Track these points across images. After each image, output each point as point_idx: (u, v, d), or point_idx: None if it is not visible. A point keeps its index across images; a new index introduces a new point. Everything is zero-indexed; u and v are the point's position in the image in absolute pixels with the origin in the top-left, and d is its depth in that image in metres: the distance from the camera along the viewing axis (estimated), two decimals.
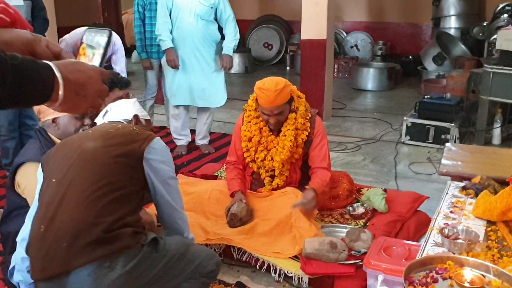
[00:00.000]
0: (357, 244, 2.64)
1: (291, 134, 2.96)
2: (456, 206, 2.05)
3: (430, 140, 4.78)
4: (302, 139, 3.01)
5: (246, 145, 3.08)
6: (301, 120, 3.00)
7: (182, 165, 4.29)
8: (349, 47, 9.42)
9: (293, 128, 2.97)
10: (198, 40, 4.31)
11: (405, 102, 6.61)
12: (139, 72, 9.36)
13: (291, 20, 9.87)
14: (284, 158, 2.98)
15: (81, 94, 0.98)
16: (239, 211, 2.85)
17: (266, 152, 3.05)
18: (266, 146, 3.05)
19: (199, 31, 4.29)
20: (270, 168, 3.07)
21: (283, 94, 2.86)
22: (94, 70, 1.02)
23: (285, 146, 2.97)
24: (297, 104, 3.02)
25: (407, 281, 1.49)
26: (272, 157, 3.02)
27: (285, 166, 3.06)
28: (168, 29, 4.28)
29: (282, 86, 2.84)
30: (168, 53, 4.31)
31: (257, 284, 2.60)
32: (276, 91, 2.82)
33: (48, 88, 0.93)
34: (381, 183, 3.91)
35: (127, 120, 2.23)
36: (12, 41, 1.07)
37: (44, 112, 2.49)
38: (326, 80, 5.71)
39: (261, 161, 3.07)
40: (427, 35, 8.92)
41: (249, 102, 3.10)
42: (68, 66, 0.97)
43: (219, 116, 5.85)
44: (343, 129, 5.56)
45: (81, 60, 1.07)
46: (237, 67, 9.19)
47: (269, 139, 3.04)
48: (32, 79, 0.90)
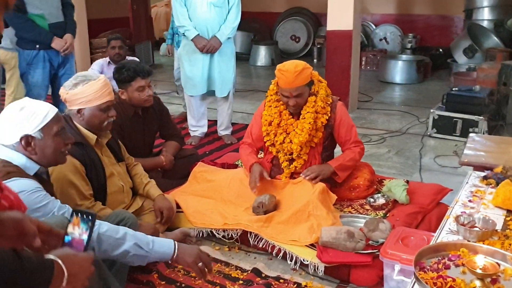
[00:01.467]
0: (375, 234, 2.61)
1: (310, 117, 2.96)
2: (475, 195, 2.00)
3: (458, 133, 4.67)
4: (321, 122, 3.00)
5: (266, 129, 3.10)
6: (321, 103, 2.98)
7: (204, 155, 4.32)
8: (378, 39, 9.28)
9: (312, 111, 2.97)
10: (212, 28, 4.32)
11: (433, 96, 6.47)
12: (166, 64, 9.47)
13: (319, 13, 9.79)
14: (303, 140, 2.98)
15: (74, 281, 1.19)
16: (267, 203, 2.87)
17: (285, 135, 3.06)
18: (286, 129, 3.06)
19: (213, 19, 4.31)
20: (288, 151, 3.07)
21: (302, 76, 2.88)
22: (87, 260, 1.24)
23: (304, 129, 2.97)
24: (317, 88, 3.01)
25: (418, 266, 1.47)
26: (291, 140, 3.03)
27: (304, 149, 3.05)
28: (187, 18, 4.32)
29: (301, 67, 2.87)
30: (196, 41, 4.33)
31: (273, 271, 2.59)
32: (295, 72, 2.85)
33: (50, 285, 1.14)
34: (405, 176, 3.84)
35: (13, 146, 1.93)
36: (5, 221, 1.23)
37: (70, 101, 2.54)
38: (352, 71, 5.64)
39: (280, 144, 3.08)
40: (459, 28, 8.71)
41: (270, 87, 3.13)
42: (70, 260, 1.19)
43: (242, 108, 5.86)
44: (369, 121, 5.49)
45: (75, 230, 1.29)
46: (263, 60, 9.18)
47: (288, 122, 3.05)
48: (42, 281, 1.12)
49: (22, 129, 1.88)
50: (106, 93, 2.57)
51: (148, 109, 3.42)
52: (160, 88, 7.00)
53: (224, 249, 2.84)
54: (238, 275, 2.56)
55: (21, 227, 1.25)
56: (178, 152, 3.66)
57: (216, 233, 2.87)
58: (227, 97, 4.62)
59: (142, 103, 3.28)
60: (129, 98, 3.26)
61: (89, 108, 2.53)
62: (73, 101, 2.53)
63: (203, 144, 4.67)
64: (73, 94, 2.51)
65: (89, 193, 2.52)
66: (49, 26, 4.00)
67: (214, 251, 2.80)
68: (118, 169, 2.77)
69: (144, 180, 2.94)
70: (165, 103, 3.89)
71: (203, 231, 2.91)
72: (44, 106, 1.93)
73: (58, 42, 4.02)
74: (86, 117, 2.55)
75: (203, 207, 3.01)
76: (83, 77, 2.54)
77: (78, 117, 2.56)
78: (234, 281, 2.50)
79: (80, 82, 2.51)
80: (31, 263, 1.07)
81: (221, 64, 4.45)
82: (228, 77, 4.53)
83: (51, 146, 1.94)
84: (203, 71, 4.43)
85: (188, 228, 2.91)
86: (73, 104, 2.53)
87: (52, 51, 4.06)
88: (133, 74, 3.21)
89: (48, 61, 4.09)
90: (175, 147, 3.64)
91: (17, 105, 1.91)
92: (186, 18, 4.31)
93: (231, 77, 4.55)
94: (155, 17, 10.99)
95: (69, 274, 1.16)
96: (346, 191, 3.19)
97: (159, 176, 3.47)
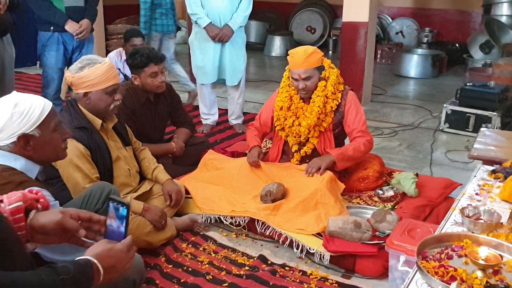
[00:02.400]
0: (382, 225, 2.62)
1: (319, 101, 3.01)
2: (482, 189, 2.00)
3: (470, 129, 4.64)
4: (331, 107, 3.05)
5: (277, 114, 3.16)
6: (331, 88, 3.02)
7: (215, 143, 4.35)
8: (394, 33, 9.20)
9: (322, 95, 3.02)
10: (224, 17, 4.32)
11: (448, 91, 6.41)
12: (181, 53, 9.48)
13: (335, 4, 9.71)
14: (311, 123, 3.03)
15: (112, 272, 1.29)
16: (275, 191, 2.90)
17: (294, 118, 3.11)
18: (296, 112, 3.12)
19: (226, 7, 4.31)
20: (297, 134, 3.11)
21: (311, 59, 2.96)
22: (122, 250, 1.31)
23: (313, 112, 3.02)
24: (328, 74, 3.05)
25: (421, 255, 1.48)
26: (300, 123, 3.08)
27: (312, 133, 3.09)
28: (200, 6, 4.33)
29: (311, 51, 2.98)
30: (209, 29, 4.34)
31: (279, 259, 2.62)
32: (305, 54, 2.95)
33: (92, 280, 1.24)
34: (415, 169, 3.82)
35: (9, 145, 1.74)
36: (46, 224, 1.33)
37: (76, 85, 2.55)
38: (366, 64, 5.61)
39: (289, 128, 3.13)
40: (476, 23, 8.60)
41: (284, 73, 3.19)
42: (104, 256, 1.28)
43: (255, 97, 5.87)
44: (381, 114, 5.47)
45: (113, 222, 1.35)
46: (278, 50, 9.16)
47: (299, 106, 3.11)
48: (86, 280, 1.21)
49: (18, 127, 1.69)
50: (111, 76, 2.57)
51: (160, 96, 3.45)
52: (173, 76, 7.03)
53: (232, 236, 2.87)
54: (244, 261, 2.59)
55: (63, 225, 1.34)
56: (189, 139, 3.69)
57: (224, 219, 2.91)
58: (238, 86, 4.63)
59: (154, 89, 3.31)
60: (142, 84, 3.29)
61: (95, 92, 2.54)
62: (79, 85, 2.54)
63: (214, 132, 4.69)
64: (79, 78, 2.52)
65: (95, 176, 2.55)
66: (66, 9, 4.01)
67: (222, 237, 2.84)
68: (125, 153, 2.80)
69: (152, 164, 2.97)
70: (178, 90, 3.91)
71: (211, 217, 2.94)
72: (38, 101, 1.75)
73: (71, 25, 4.03)
74: (92, 100, 2.56)
75: (212, 194, 3.04)
76: (89, 60, 2.54)
77: (84, 100, 2.57)
78: (240, 267, 2.53)
79: (85, 65, 2.52)
80: (68, 272, 1.16)
81: (232, 53, 4.46)
82: (239, 66, 4.53)
83: (51, 143, 1.80)
84: (214, 60, 4.44)
85: (196, 214, 2.94)
86: (79, 87, 2.54)
87: (67, 34, 4.07)
88: (147, 60, 3.24)
89: (62, 44, 4.11)
90: (186, 134, 3.67)
91: (8, 101, 1.70)
92: (198, 5, 4.32)
93: (241, 66, 4.56)
94: None
95: (106, 268, 1.25)
96: (355, 182, 3.20)
97: (169, 162, 3.51)
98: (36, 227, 1.34)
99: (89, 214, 1.41)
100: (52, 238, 1.37)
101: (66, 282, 1.14)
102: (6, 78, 3.85)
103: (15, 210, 1.31)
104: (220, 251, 2.69)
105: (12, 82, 3.98)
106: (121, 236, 1.34)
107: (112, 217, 1.35)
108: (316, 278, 2.45)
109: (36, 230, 1.34)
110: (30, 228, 1.33)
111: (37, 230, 1.34)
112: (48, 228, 1.34)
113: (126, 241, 1.33)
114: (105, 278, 1.26)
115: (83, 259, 1.25)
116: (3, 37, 3.77)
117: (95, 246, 1.31)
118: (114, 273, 1.29)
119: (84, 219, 1.40)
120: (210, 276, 2.45)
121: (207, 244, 2.76)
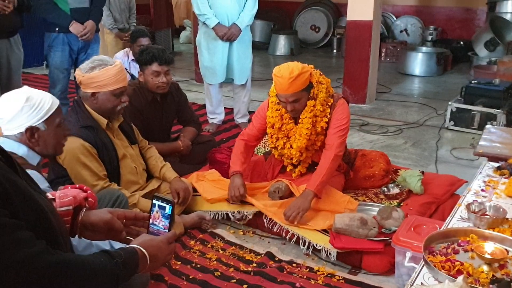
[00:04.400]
0: (388, 222, 2.64)
1: (308, 122, 2.85)
2: (488, 185, 2.02)
3: (475, 126, 4.64)
4: (321, 126, 2.88)
5: (270, 131, 3.01)
6: (320, 107, 2.85)
7: (221, 142, 4.38)
8: (399, 31, 9.19)
9: (310, 116, 2.84)
10: (232, 16, 4.35)
11: (453, 88, 6.41)
12: (186, 52, 9.53)
13: (339, 3, 9.71)
14: (301, 146, 2.89)
15: (154, 261, 1.36)
16: (284, 189, 2.96)
17: (286, 139, 2.97)
18: (287, 133, 2.97)
19: (233, 8, 4.34)
20: (289, 156, 3.01)
21: (298, 82, 2.73)
22: (163, 241, 1.39)
23: (302, 134, 2.87)
24: (316, 91, 2.86)
25: (427, 250, 1.50)
26: (291, 145, 2.95)
27: (305, 154, 2.96)
28: (207, 6, 4.36)
29: (296, 73, 2.71)
30: (217, 29, 4.37)
31: (286, 255, 2.65)
32: (290, 79, 2.70)
33: (138, 266, 1.31)
34: (420, 167, 3.84)
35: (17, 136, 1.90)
36: (96, 223, 1.45)
37: (85, 84, 2.58)
38: (371, 63, 5.62)
39: (281, 149, 3.01)
40: (481, 20, 8.58)
41: (272, 87, 2.96)
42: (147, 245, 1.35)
43: (260, 96, 5.88)
44: (386, 112, 5.48)
45: (158, 223, 1.44)
46: (282, 49, 9.17)
47: (288, 127, 2.95)
48: (133, 266, 1.29)
49: (27, 120, 1.84)
50: (121, 79, 2.61)
51: (166, 95, 3.48)
52: (179, 76, 7.07)
53: (239, 233, 2.91)
54: (252, 258, 2.62)
55: (111, 225, 1.46)
56: (196, 138, 3.72)
57: (232, 215, 2.93)
58: (245, 85, 4.66)
59: (155, 88, 3.34)
60: (144, 81, 3.34)
61: (103, 93, 2.58)
62: (88, 84, 2.57)
63: (220, 131, 4.72)
64: (88, 78, 2.55)
65: (103, 174, 2.59)
66: (71, 11, 4.04)
67: (229, 234, 2.87)
68: (131, 151, 2.83)
69: (160, 163, 3.00)
70: (184, 90, 3.94)
71: (218, 213, 2.97)
72: (48, 97, 1.90)
73: (75, 27, 4.05)
74: (100, 101, 2.60)
75: (220, 192, 3.07)
76: (100, 61, 2.58)
77: (92, 100, 2.60)
78: (247, 264, 2.56)
79: (96, 66, 2.55)
80: (120, 257, 1.25)
81: (240, 52, 4.49)
82: (246, 64, 4.57)
83: (54, 138, 1.93)
84: (222, 59, 4.47)
85: (204, 211, 2.97)
86: (88, 87, 2.57)
87: (72, 35, 4.10)
88: (151, 58, 3.27)
89: (67, 45, 4.14)
90: (192, 132, 3.71)
91: (20, 94, 1.86)
92: (206, 6, 4.35)
93: (249, 64, 4.60)
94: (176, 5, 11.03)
95: (150, 255, 1.33)
96: (361, 180, 3.22)
97: (176, 161, 3.55)
98: (87, 224, 1.45)
99: (133, 213, 1.54)
100: (99, 235, 1.49)
101: (119, 265, 1.23)
102: (13, 80, 3.86)
103: (64, 213, 1.42)
104: (228, 248, 2.72)
105: (19, 84, 4.01)
106: (165, 231, 1.41)
107: (156, 214, 1.42)
108: (323, 274, 2.47)
109: (86, 227, 1.46)
110: (81, 225, 1.45)
111: (87, 227, 1.46)
112: (97, 226, 1.46)
113: (169, 234, 1.41)
114: (149, 267, 1.34)
115: (130, 247, 1.33)
116: (10, 38, 3.80)
117: (138, 238, 1.39)
118: (156, 262, 1.36)
119: (129, 218, 1.52)
120: (218, 272, 2.48)
121: (215, 241, 2.79)
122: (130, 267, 1.28)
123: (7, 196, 1.11)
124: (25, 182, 1.26)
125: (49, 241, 1.18)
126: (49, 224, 1.23)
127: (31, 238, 1.12)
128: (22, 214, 1.14)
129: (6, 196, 1.11)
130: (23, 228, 1.12)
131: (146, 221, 1.48)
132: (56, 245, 1.22)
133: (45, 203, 1.29)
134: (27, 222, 1.14)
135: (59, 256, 1.15)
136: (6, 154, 1.29)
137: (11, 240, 1.07)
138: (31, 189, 1.25)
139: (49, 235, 1.22)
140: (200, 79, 5.59)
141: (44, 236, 1.17)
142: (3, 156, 1.26)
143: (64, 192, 1.49)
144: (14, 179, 1.18)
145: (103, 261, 1.22)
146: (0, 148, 1.25)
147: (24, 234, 1.11)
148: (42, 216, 1.21)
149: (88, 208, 1.51)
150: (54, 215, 1.30)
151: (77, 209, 1.48)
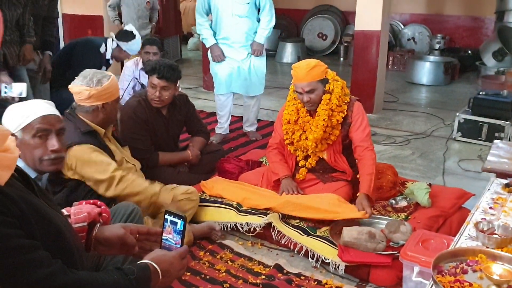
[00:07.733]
0: (396, 236, 2.66)
1: (324, 114, 3.02)
2: (496, 203, 2.04)
3: (483, 138, 4.65)
4: (337, 120, 3.06)
5: (285, 127, 3.19)
6: (336, 101, 3.03)
7: (229, 150, 4.41)
8: (406, 39, 9.22)
9: (326, 108, 3.03)
10: (239, 36, 4.42)
11: (460, 98, 6.42)
12: (194, 59, 9.59)
13: (346, 11, 9.76)
14: (317, 137, 3.05)
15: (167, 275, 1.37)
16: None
17: (301, 131, 3.14)
18: (303, 126, 3.14)
19: (240, 29, 4.41)
20: (305, 148, 3.15)
21: (314, 72, 2.98)
22: (175, 257, 1.40)
23: (318, 125, 3.04)
24: (332, 87, 3.06)
25: (436, 270, 1.52)
26: (307, 137, 3.11)
27: (319, 147, 3.12)
28: (207, 27, 4.46)
29: (313, 64, 3.00)
30: (212, 50, 4.47)
31: (294, 268, 2.67)
32: (307, 68, 2.97)
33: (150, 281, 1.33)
34: (428, 178, 3.86)
35: None
36: (110, 238, 1.49)
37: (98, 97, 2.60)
38: (378, 72, 5.64)
39: (297, 142, 3.17)
40: (489, 29, 8.59)
41: (290, 86, 3.20)
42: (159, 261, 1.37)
43: (267, 105, 5.92)
44: (393, 122, 5.49)
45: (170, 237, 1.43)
46: (289, 57, 9.21)
47: (305, 120, 3.13)
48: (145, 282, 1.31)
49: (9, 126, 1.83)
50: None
51: (174, 105, 3.51)
52: (187, 83, 7.11)
53: (248, 244, 2.93)
54: (261, 270, 2.65)
55: (124, 240, 1.49)
56: (205, 148, 3.76)
57: (240, 226, 2.96)
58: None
59: (150, 100, 3.37)
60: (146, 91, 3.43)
61: (111, 102, 2.67)
62: (100, 97, 2.60)
63: (228, 140, 4.75)
64: (102, 90, 2.59)
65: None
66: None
67: (238, 245, 2.89)
68: (126, 153, 2.93)
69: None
70: (191, 97, 3.97)
71: (227, 224, 3.00)
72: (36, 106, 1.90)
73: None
74: (108, 111, 2.67)
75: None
76: (99, 74, 2.63)
77: (97, 112, 2.64)
78: (256, 276, 2.59)
79: (101, 78, 2.61)
80: (133, 273, 1.28)
81: (255, 64, 4.54)
82: (261, 75, 4.63)
83: (29, 149, 1.84)
84: (239, 72, 4.53)
85: (214, 222, 3.00)
86: (99, 99, 2.61)
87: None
88: (152, 69, 3.31)
89: None
90: (201, 142, 3.74)
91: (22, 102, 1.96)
92: (204, 27, 4.47)
93: (264, 74, 4.65)
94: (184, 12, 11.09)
95: (162, 270, 1.35)
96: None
97: (186, 170, 3.58)
98: (101, 239, 1.49)
99: (146, 228, 1.57)
100: (113, 250, 1.52)
101: (132, 282, 1.26)
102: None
103: (79, 229, 1.46)
104: (236, 260, 2.75)
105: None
106: (177, 246, 1.43)
107: (168, 229, 1.44)
108: (331, 287, 2.49)
109: (100, 242, 1.49)
110: (95, 240, 1.49)
111: (101, 242, 1.49)
112: (111, 241, 1.49)
113: (181, 250, 1.42)
114: (162, 282, 1.36)
115: (142, 262, 1.36)
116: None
117: (151, 253, 1.41)
118: (168, 277, 1.37)
119: (142, 233, 1.55)
120: (227, 284, 2.50)
121: (224, 253, 2.82)
122: (143, 282, 1.30)
123: (23, 217, 1.14)
124: (42, 201, 1.29)
125: (65, 259, 1.21)
126: (65, 242, 1.27)
127: (47, 258, 1.15)
128: (38, 234, 1.17)
129: (22, 217, 1.14)
130: (39, 248, 1.15)
131: (158, 236, 1.50)
132: (71, 263, 1.25)
133: (61, 221, 1.32)
134: (43, 242, 1.17)
135: (74, 276, 1.18)
136: (24, 173, 1.33)
137: (28, 260, 1.10)
138: (47, 207, 1.28)
139: (65, 253, 1.25)
140: (208, 86, 5.62)
141: (60, 254, 1.20)
142: (20, 175, 1.29)
143: (79, 208, 1.53)
144: (31, 199, 1.21)
145: (116, 279, 1.25)
146: (17, 167, 1.27)
147: (41, 254, 1.14)
148: (58, 235, 1.25)
149: (102, 223, 1.55)
150: (70, 232, 1.33)
151: (92, 225, 1.52)
